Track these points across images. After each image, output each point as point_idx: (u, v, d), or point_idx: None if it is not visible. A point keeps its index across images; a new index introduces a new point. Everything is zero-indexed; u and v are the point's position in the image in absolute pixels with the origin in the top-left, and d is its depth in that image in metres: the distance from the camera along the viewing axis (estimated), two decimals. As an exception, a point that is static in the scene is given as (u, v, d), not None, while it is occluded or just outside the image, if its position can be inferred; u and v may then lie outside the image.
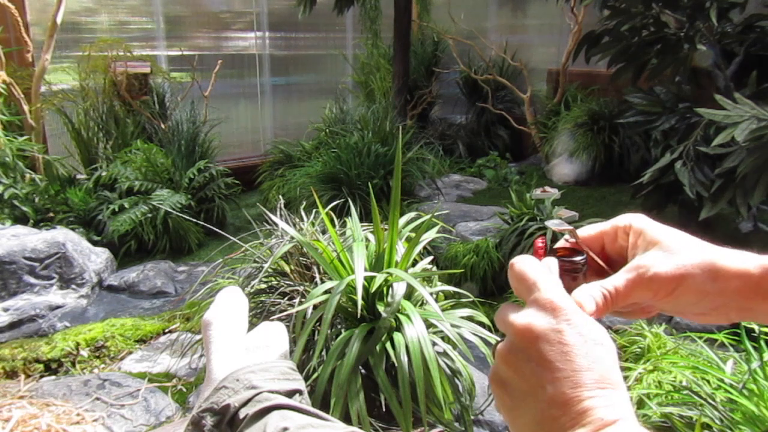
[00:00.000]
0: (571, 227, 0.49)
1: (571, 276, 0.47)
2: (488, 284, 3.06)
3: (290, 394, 0.54)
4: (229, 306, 0.63)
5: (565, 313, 0.39)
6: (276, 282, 2.01)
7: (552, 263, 0.46)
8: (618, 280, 0.45)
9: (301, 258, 2.05)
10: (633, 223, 0.48)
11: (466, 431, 1.77)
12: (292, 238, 1.93)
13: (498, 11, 6.79)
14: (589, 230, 0.51)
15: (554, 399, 0.37)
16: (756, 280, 0.43)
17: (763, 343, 1.51)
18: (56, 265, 3.01)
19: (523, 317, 0.40)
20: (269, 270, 2.02)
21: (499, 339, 0.46)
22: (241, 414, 0.51)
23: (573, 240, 0.49)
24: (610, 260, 0.50)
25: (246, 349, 0.58)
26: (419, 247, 1.96)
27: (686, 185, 3.08)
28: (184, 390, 2.31)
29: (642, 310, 0.48)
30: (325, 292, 1.74)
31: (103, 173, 3.92)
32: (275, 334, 0.61)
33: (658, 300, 0.45)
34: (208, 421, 0.52)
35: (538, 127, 5.51)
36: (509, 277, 0.45)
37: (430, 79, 6.28)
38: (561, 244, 0.50)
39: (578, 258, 0.47)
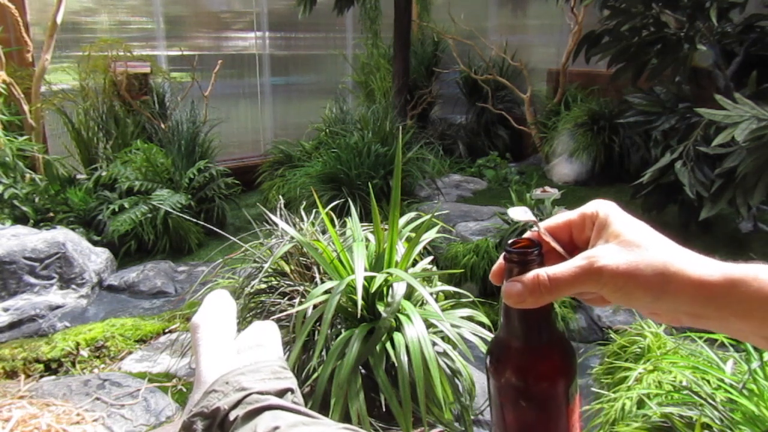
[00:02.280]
0: (533, 218, 0.47)
1: (520, 267, 0.45)
2: (488, 284, 3.06)
3: (281, 393, 0.53)
4: (216, 308, 0.62)
5: None
6: (276, 282, 2.01)
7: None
8: (564, 267, 0.44)
9: (301, 258, 2.05)
10: (600, 211, 0.46)
11: (466, 431, 1.77)
12: (292, 238, 1.93)
13: (498, 11, 6.79)
14: (555, 219, 0.49)
15: None
16: (713, 288, 0.40)
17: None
18: (56, 265, 3.01)
19: None
20: (269, 270, 2.02)
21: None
22: (231, 416, 0.50)
23: (536, 230, 0.48)
24: (579, 251, 0.47)
25: (238, 350, 0.58)
26: (419, 247, 1.96)
27: (686, 185, 3.08)
28: (184, 390, 2.31)
29: (600, 299, 0.46)
30: (325, 292, 1.74)
31: (103, 173, 3.92)
32: (268, 333, 0.61)
33: (605, 293, 0.43)
34: (199, 425, 0.51)
35: (538, 127, 5.51)
36: None
37: (430, 79, 6.27)
38: (527, 234, 0.48)
39: (531, 249, 0.46)
